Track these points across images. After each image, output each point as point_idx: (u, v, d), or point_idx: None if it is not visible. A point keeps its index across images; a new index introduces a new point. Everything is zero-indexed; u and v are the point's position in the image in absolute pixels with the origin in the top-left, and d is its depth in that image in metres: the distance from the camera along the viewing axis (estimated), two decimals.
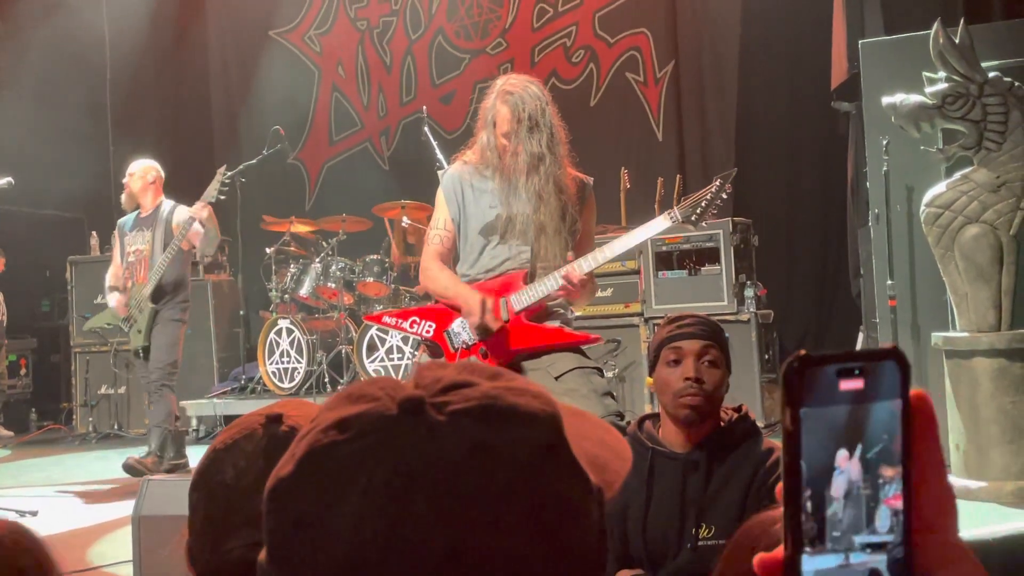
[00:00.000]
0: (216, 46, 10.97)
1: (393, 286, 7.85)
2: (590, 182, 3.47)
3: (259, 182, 9.12)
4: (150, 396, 6.17)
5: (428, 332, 3.45)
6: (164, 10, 10.14)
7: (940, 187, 4.96)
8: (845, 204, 7.48)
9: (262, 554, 0.66)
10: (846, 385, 0.54)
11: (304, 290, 7.97)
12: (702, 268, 6.72)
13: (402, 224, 8.01)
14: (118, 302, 6.12)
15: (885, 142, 5.34)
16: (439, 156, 5.98)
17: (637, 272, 6.91)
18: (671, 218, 3.29)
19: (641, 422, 2.50)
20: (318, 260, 8.00)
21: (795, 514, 0.54)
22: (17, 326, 9.95)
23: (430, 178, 6.58)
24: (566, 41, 9.63)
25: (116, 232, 6.46)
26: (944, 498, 0.57)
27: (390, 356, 7.45)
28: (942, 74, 4.89)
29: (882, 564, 0.55)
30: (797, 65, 8.41)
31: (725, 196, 3.34)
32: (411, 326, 3.49)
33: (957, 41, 4.81)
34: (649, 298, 6.83)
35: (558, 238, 3.28)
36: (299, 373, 7.80)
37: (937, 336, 4.97)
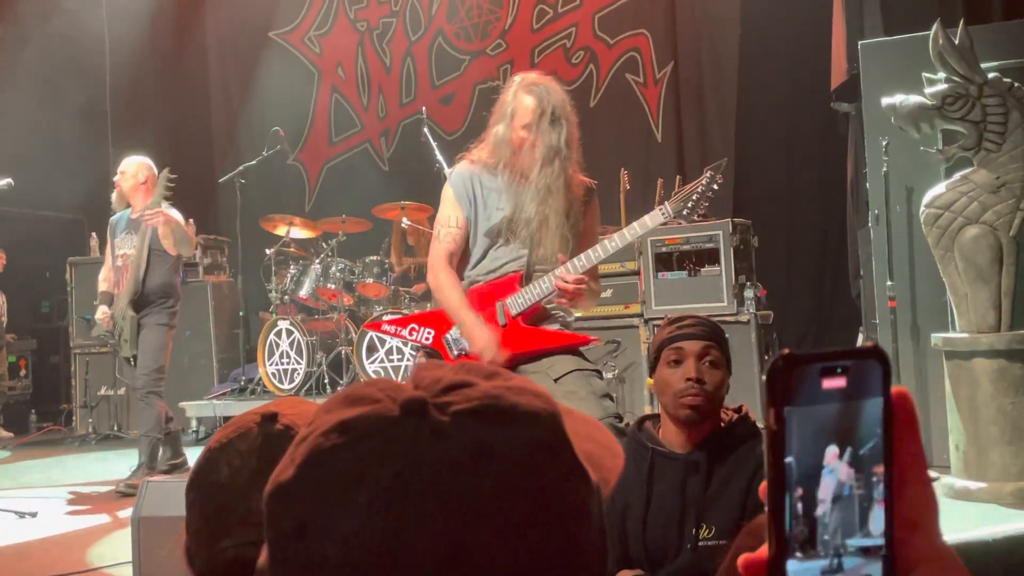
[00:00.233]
0: (216, 47, 10.97)
1: (393, 287, 7.85)
2: (594, 186, 3.47)
3: (259, 183, 9.14)
4: (138, 404, 6.04)
5: (427, 339, 3.45)
6: (164, 11, 10.15)
7: (940, 188, 4.95)
8: (845, 205, 7.48)
9: (262, 558, 0.65)
10: (829, 384, 0.54)
11: (304, 291, 7.97)
12: (702, 269, 6.71)
13: (402, 225, 8.01)
14: (104, 316, 5.93)
15: (885, 143, 5.34)
16: (439, 157, 5.98)
17: (637, 273, 6.90)
18: (663, 213, 3.29)
19: (641, 423, 2.50)
20: (318, 261, 8.00)
21: (778, 513, 0.54)
22: (17, 327, 9.96)
23: (430, 179, 6.58)
24: (566, 42, 9.63)
25: (108, 230, 6.24)
26: (926, 497, 0.57)
27: (390, 357, 7.44)
28: (942, 75, 4.88)
29: (876, 572, 0.54)
30: (797, 66, 8.40)
31: (717, 187, 3.31)
32: (410, 333, 3.49)
33: (957, 42, 4.80)
34: (649, 299, 6.83)
35: (558, 233, 3.28)
36: (299, 374, 7.80)
37: (937, 337, 4.96)
